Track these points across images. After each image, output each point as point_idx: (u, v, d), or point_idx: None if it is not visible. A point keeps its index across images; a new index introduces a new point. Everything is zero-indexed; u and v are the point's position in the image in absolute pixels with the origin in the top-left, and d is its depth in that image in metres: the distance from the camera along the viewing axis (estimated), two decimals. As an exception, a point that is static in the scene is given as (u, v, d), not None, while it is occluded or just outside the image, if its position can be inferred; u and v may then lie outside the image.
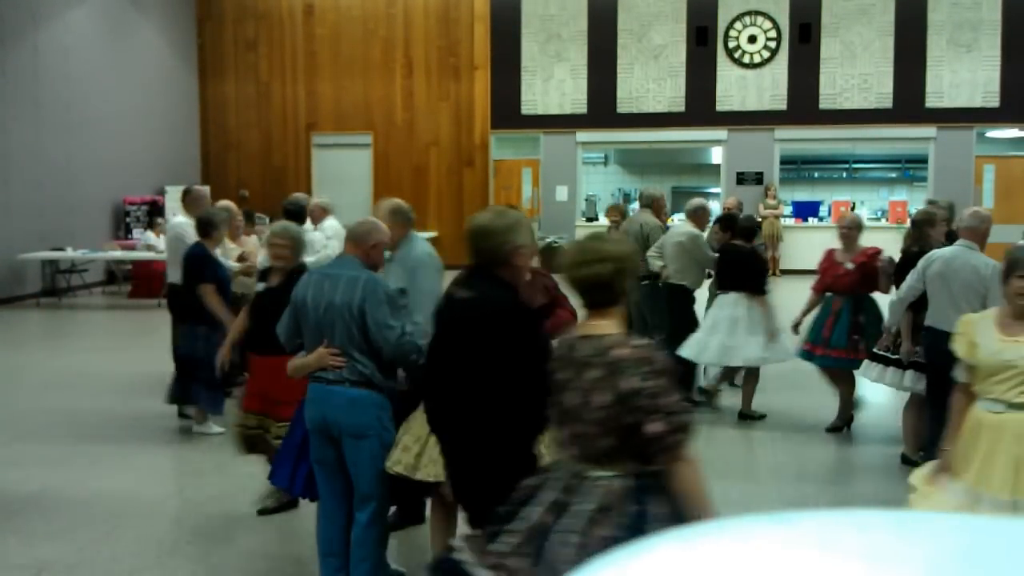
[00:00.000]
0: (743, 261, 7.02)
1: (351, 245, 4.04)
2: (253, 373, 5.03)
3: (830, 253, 6.78)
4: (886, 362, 6.03)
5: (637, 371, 2.55)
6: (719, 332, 6.85)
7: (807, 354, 6.65)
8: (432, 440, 3.56)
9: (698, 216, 7.57)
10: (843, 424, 6.70)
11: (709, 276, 7.63)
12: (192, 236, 6.64)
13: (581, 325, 2.77)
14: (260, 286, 5.12)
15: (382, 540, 3.98)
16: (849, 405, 6.72)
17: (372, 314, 3.78)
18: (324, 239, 7.30)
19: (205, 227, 6.41)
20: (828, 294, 6.68)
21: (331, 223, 7.46)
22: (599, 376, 2.58)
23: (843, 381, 6.68)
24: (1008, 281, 3.66)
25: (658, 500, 2.56)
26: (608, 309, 2.72)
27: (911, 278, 5.52)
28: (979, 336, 3.65)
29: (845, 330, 6.48)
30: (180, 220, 7.26)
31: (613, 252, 2.74)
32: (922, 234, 6.17)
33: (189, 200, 7.34)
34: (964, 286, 5.18)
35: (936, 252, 5.51)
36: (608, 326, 2.69)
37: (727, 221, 7.71)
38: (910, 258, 5.92)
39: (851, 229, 6.69)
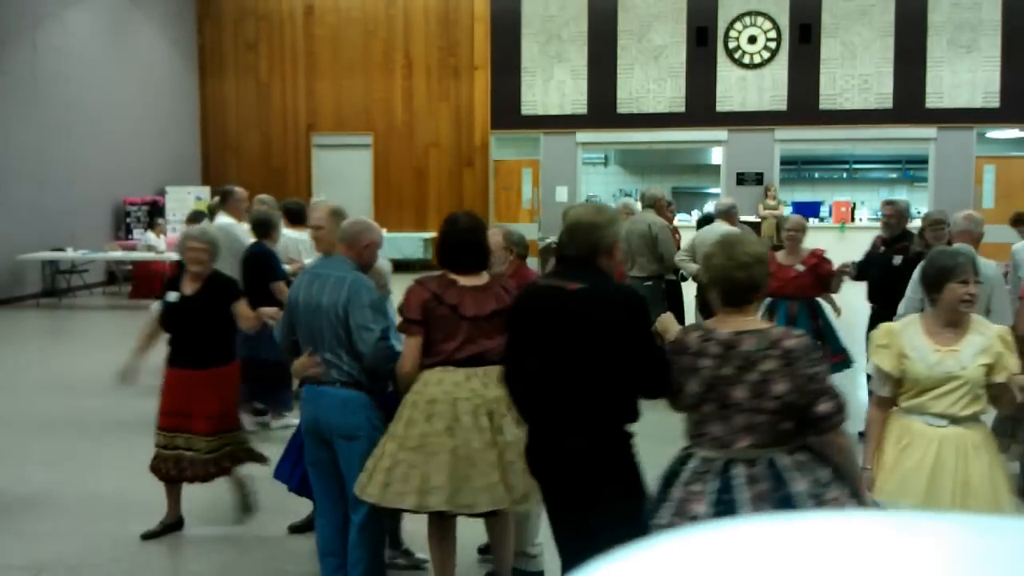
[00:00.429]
0: None
1: (343, 246, 4.01)
2: (173, 389, 4.70)
3: (771, 257, 6.48)
4: None
5: (808, 359, 2.81)
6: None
7: None
8: (382, 462, 3.55)
9: (731, 216, 7.64)
10: None
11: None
12: (246, 237, 6.71)
13: (725, 321, 2.92)
14: (173, 296, 4.75)
15: (378, 540, 3.95)
16: None
17: (353, 315, 3.76)
18: None
19: (265, 227, 6.49)
20: (770, 299, 6.42)
21: None
22: (775, 367, 2.78)
23: None
24: (943, 288, 3.39)
25: (824, 467, 2.87)
26: (749, 306, 2.95)
27: (910, 291, 5.25)
28: (908, 347, 3.41)
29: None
30: (228, 221, 7.29)
31: (763, 254, 2.99)
32: (938, 236, 6.18)
33: (232, 202, 7.44)
34: None
35: None
36: (755, 321, 2.95)
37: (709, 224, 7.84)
38: (914, 258, 5.92)
39: (798, 231, 6.55)
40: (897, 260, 6.20)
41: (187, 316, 4.69)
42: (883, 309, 5.69)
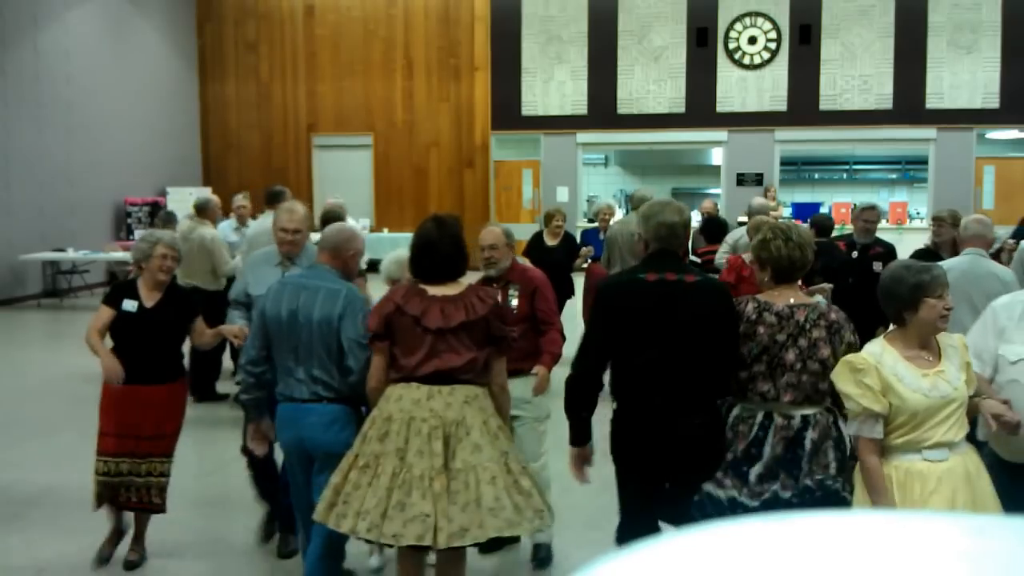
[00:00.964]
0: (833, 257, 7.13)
1: (327, 255, 3.80)
2: (125, 408, 4.29)
3: (738, 259, 6.26)
4: None
5: (848, 329, 3.32)
6: None
7: None
8: (334, 480, 3.38)
9: (766, 215, 7.95)
10: None
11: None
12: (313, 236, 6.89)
13: (776, 295, 3.36)
14: (131, 305, 4.33)
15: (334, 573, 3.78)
16: None
17: (346, 330, 3.60)
18: None
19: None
20: None
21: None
22: (823, 335, 3.26)
23: None
24: (920, 305, 3.07)
25: (837, 429, 3.33)
26: (796, 282, 3.42)
27: None
28: (893, 378, 3.06)
29: None
30: None
31: (812, 239, 3.49)
32: (938, 232, 6.17)
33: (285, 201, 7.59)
34: (989, 296, 5.02)
35: (947, 262, 5.08)
36: (801, 295, 3.42)
37: (712, 226, 7.88)
38: (921, 255, 5.92)
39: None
40: (877, 267, 6.18)
41: (148, 329, 4.33)
42: (858, 317, 5.64)
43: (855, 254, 6.25)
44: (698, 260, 7.94)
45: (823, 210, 17.34)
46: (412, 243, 3.55)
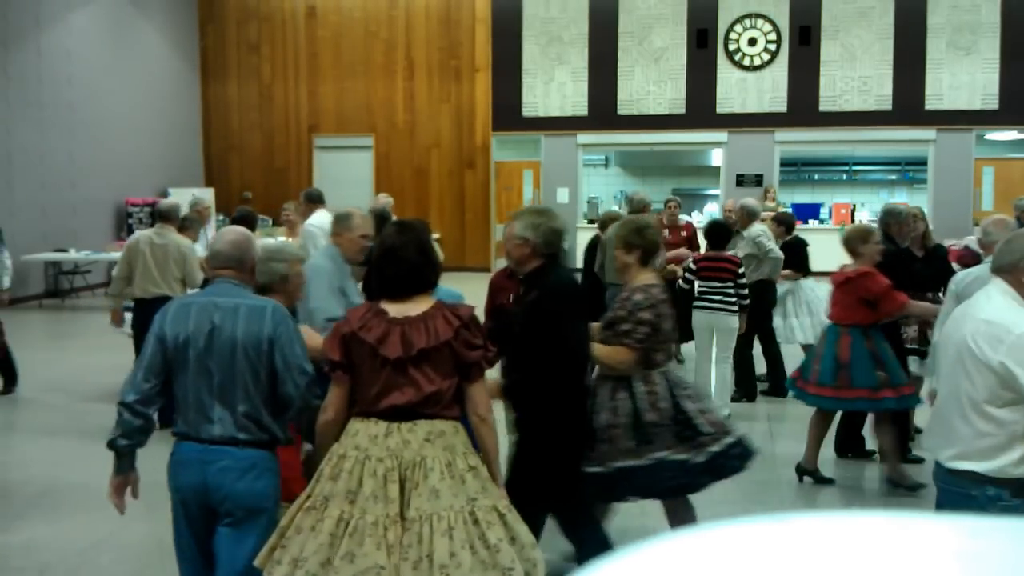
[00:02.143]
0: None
1: (233, 271, 3.25)
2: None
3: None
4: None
5: None
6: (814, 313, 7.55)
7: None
8: (282, 521, 3.01)
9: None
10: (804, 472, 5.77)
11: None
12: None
13: (652, 276, 3.90)
14: None
15: None
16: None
17: (284, 352, 3.08)
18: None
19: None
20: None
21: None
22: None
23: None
24: None
25: None
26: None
27: (948, 305, 4.66)
28: None
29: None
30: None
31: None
32: (901, 230, 6.22)
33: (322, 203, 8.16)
34: None
35: (970, 272, 4.76)
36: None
37: (718, 231, 7.14)
38: (891, 254, 5.94)
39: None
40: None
41: None
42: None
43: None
44: (693, 267, 7.07)
45: (823, 212, 17.40)
46: (374, 253, 3.16)
